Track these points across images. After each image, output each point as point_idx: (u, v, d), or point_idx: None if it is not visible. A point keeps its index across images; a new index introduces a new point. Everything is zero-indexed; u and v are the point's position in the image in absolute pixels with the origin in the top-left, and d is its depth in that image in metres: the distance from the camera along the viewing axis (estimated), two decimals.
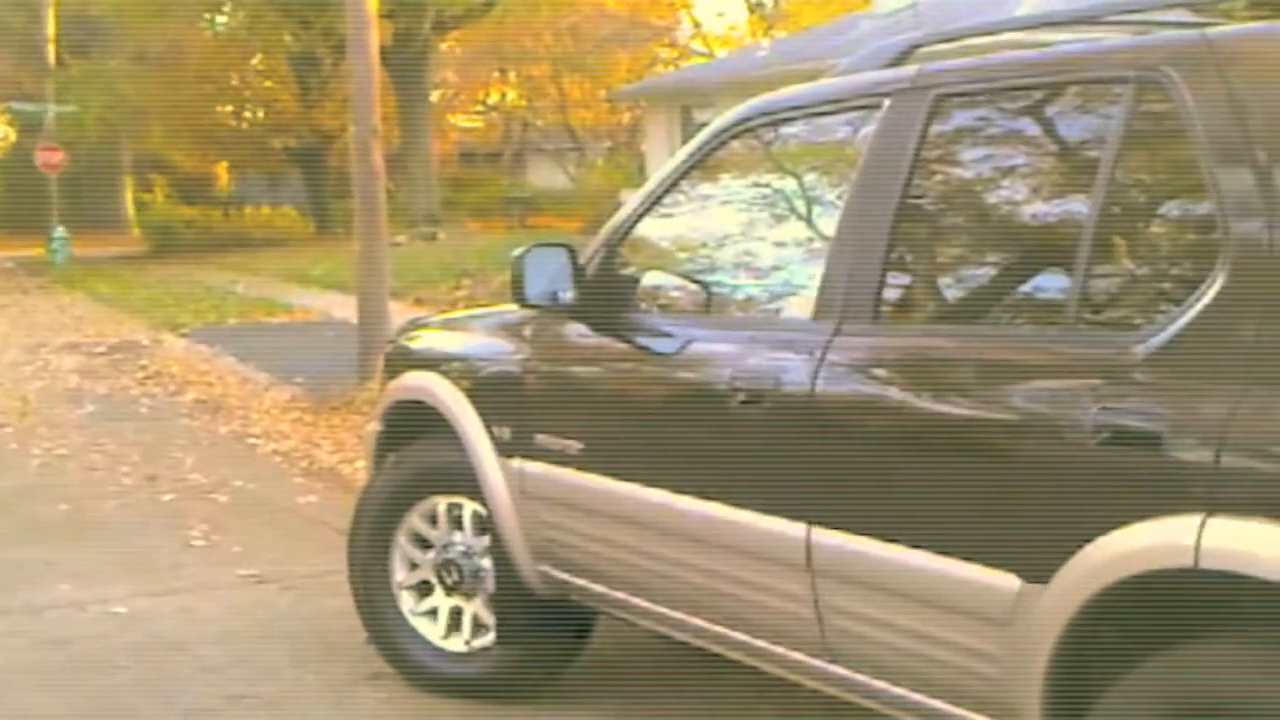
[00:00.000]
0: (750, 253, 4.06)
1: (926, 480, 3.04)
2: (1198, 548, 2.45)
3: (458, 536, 4.56)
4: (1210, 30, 2.86)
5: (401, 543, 4.68)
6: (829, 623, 3.27)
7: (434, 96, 35.21)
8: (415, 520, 4.66)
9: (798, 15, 38.48)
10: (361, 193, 10.27)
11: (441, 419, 4.50)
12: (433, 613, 4.64)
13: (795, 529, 3.28)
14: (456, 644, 4.59)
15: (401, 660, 4.67)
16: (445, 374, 4.56)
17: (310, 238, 31.49)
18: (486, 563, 4.45)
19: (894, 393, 3.20)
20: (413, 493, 4.66)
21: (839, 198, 3.53)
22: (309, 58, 31.44)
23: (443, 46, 33.48)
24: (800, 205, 3.93)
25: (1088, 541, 2.64)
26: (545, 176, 39.20)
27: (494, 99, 43.85)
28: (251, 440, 9.33)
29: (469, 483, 4.39)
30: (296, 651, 5.02)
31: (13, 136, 46.98)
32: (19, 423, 10.11)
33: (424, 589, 4.66)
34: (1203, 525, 2.46)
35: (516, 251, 4.10)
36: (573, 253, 4.06)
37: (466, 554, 4.53)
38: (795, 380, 3.33)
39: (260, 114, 35.79)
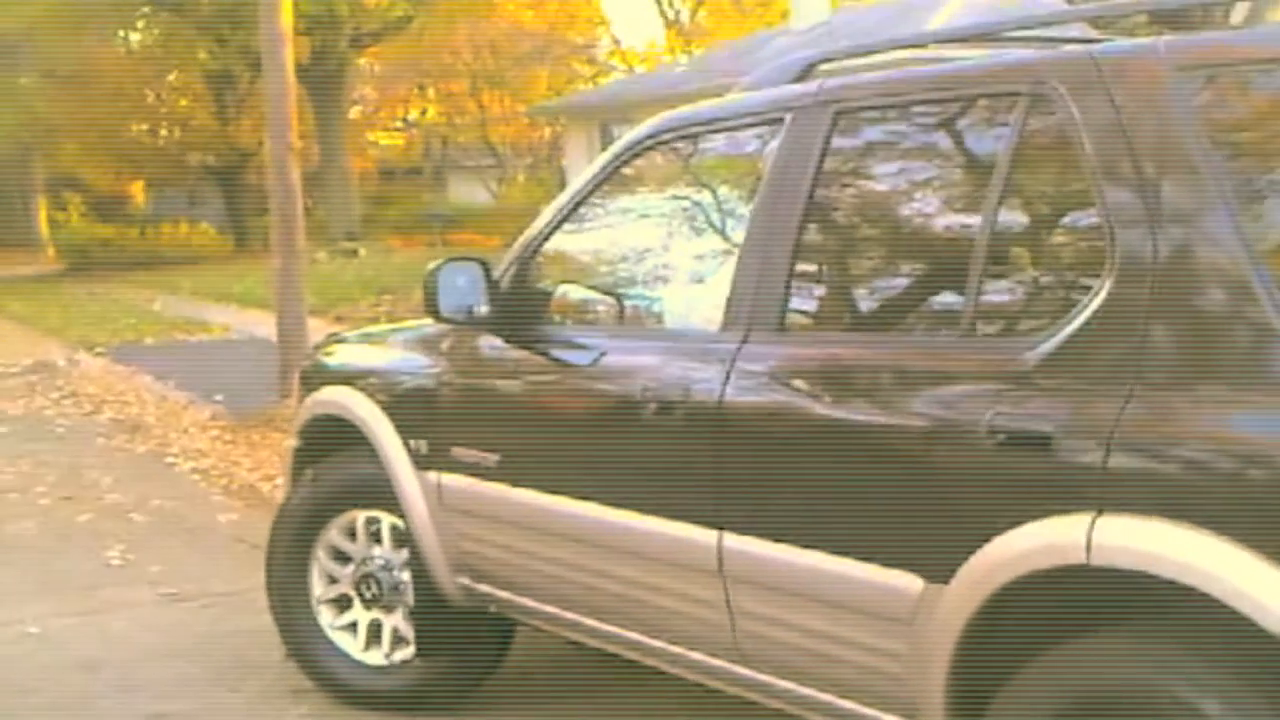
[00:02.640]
0: (661, 265, 4.14)
1: (832, 485, 3.12)
2: (1089, 545, 2.55)
3: (376, 550, 4.59)
4: (1095, 47, 2.96)
5: (320, 557, 4.70)
6: (741, 627, 3.33)
7: (353, 113, 35.13)
8: (334, 534, 4.68)
9: (715, 32, 38.77)
10: (279, 210, 10.23)
11: (358, 434, 4.52)
12: (352, 626, 4.65)
13: (707, 535, 3.35)
14: (376, 657, 4.61)
15: (321, 675, 4.68)
16: (362, 389, 4.58)
17: (229, 255, 31.22)
18: (405, 576, 4.48)
19: (799, 400, 3.27)
20: (331, 507, 4.68)
21: (746, 210, 3.60)
22: (225, 75, 31.25)
23: (360, 62, 33.38)
24: (709, 218, 4.00)
25: (986, 541, 2.72)
26: (466, 192, 39.13)
27: (413, 115, 43.76)
28: (170, 459, 9.26)
29: (387, 497, 4.41)
30: (215, 669, 5.01)
31: None
32: None
33: (343, 603, 4.68)
34: (1093, 523, 2.55)
35: (430, 266, 4.13)
36: (486, 267, 4.09)
37: (385, 567, 4.55)
38: (705, 390, 3.39)
39: (176, 131, 35.48)
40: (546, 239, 4.18)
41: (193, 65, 31.78)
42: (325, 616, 4.69)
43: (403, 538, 4.46)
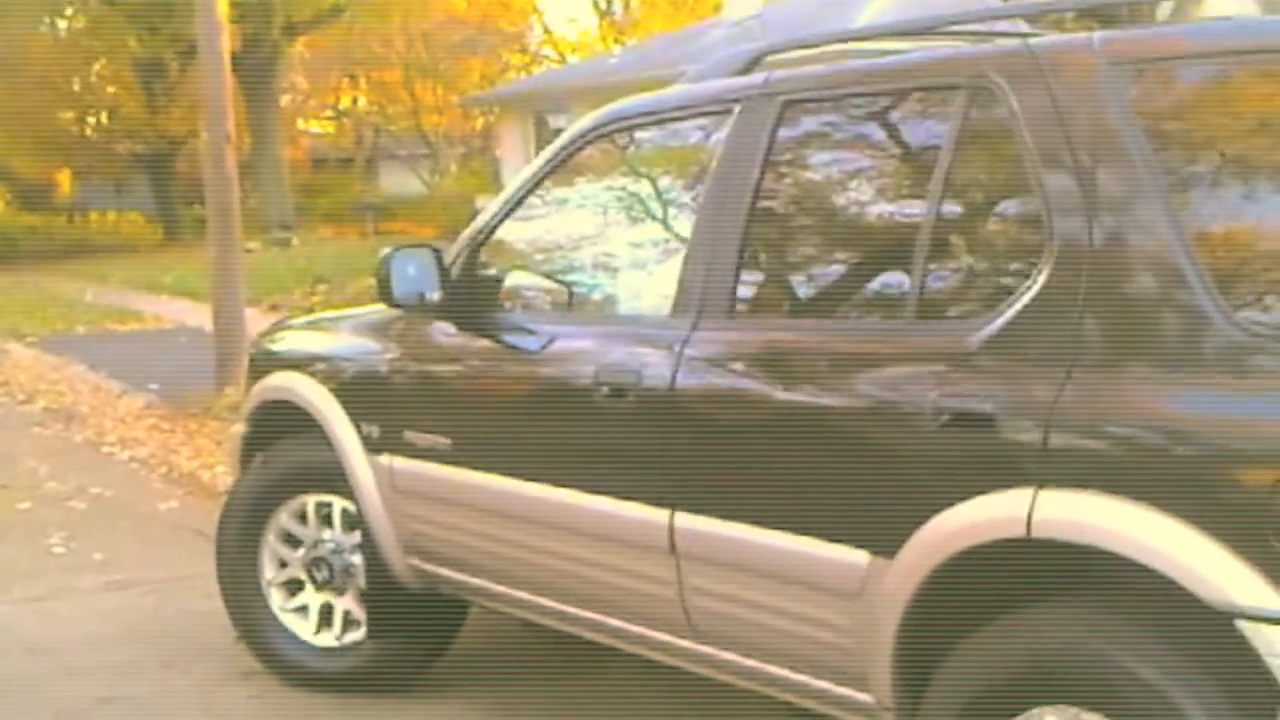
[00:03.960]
0: (611, 253, 4.20)
1: (781, 464, 3.22)
2: (1029, 519, 2.66)
3: (327, 534, 4.64)
4: (1033, 40, 3.07)
5: (270, 541, 4.74)
6: (693, 603, 3.42)
7: (284, 101, 34.84)
8: (284, 518, 4.72)
9: (647, 22, 38.82)
10: (214, 200, 10.21)
11: (309, 419, 4.57)
12: (303, 609, 4.71)
13: (659, 515, 3.44)
14: (327, 640, 4.66)
15: (272, 658, 4.73)
16: (312, 374, 4.63)
17: (159, 244, 30.96)
18: (356, 559, 4.54)
19: (749, 383, 3.37)
20: (281, 491, 4.73)
21: (694, 200, 3.69)
22: (155, 63, 30.90)
23: (292, 51, 33.14)
24: (657, 207, 4.08)
25: (931, 517, 2.83)
26: (399, 182, 38.95)
27: (345, 104, 43.50)
28: (107, 448, 9.22)
29: (338, 480, 4.47)
30: (164, 653, 5.04)
31: None
32: None
33: (294, 586, 4.73)
34: (1034, 498, 2.66)
35: (383, 253, 4.18)
36: (438, 254, 4.15)
37: (336, 550, 4.61)
38: (656, 374, 3.48)
39: (104, 119, 35.05)
40: (497, 227, 4.24)
41: (122, 53, 31.39)
42: (276, 600, 4.73)
43: (353, 521, 4.51)
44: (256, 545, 4.76)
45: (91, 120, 35.81)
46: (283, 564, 4.75)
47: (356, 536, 4.52)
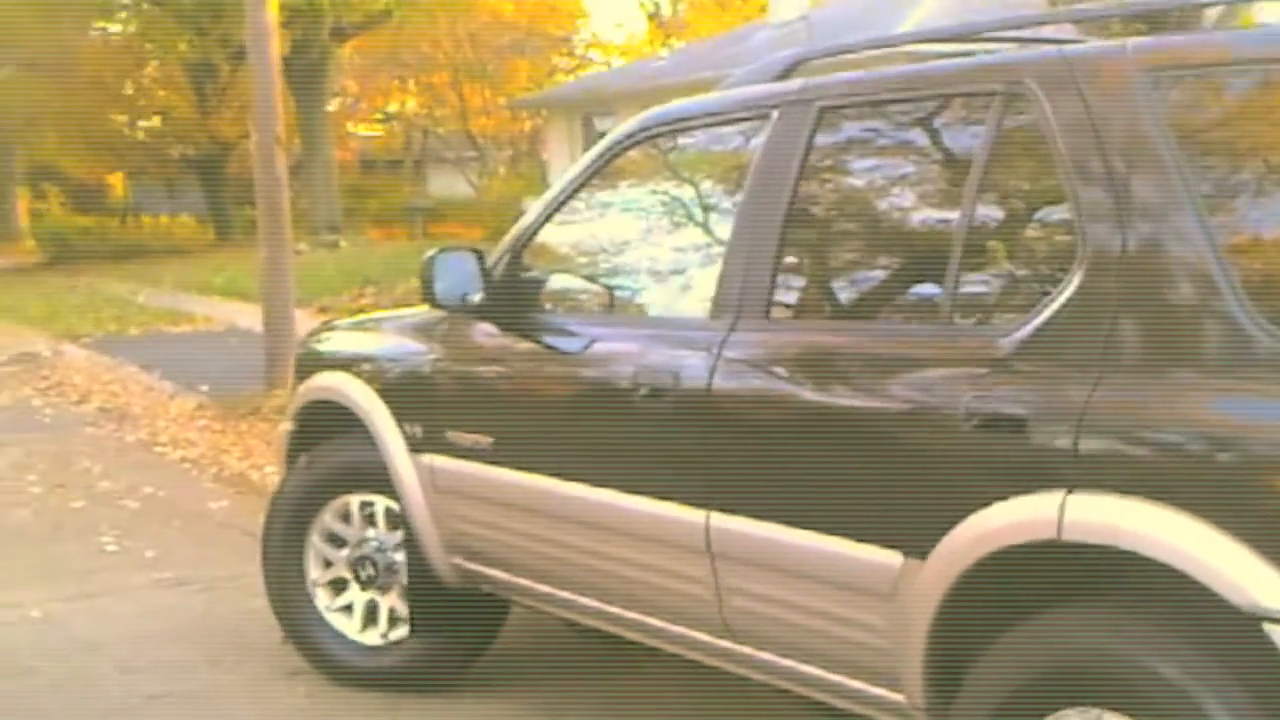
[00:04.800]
0: (650, 256, 4.25)
1: (816, 466, 3.26)
2: (1060, 522, 2.69)
3: (371, 532, 4.71)
4: (1068, 48, 3.09)
5: (315, 541, 4.82)
6: (728, 603, 3.47)
7: (333, 104, 35.07)
8: (328, 518, 4.80)
9: (695, 25, 38.86)
10: (265, 201, 10.31)
11: (353, 418, 4.64)
12: (348, 608, 4.78)
13: (695, 515, 3.49)
14: (372, 638, 4.73)
15: (319, 656, 4.81)
16: (357, 374, 4.70)
17: (210, 246, 31.20)
18: (399, 557, 4.60)
19: (785, 385, 3.41)
20: (326, 491, 4.80)
21: (733, 204, 3.74)
22: (206, 65, 31.14)
23: (342, 54, 33.36)
24: (697, 211, 4.13)
25: (962, 519, 2.86)
26: (446, 185, 39.14)
27: (394, 107, 43.73)
28: (159, 448, 9.34)
29: (381, 480, 4.54)
30: (213, 651, 5.12)
31: None
32: None
33: (339, 585, 4.80)
34: (1064, 501, 2.70)
35: (427, 254, 4.24)
36: (480, 256, 4.21)
37: (380, 549, 4.68)
38: (694, 375, 3.53)
39: (156, 122, 35.37)
40: (538, 230, 4.30)
41: (173, 56, 31.65)
42: (321, 599, 4.81)
43: (397, 520, 4.58)
44: (302, 545, 4.84)
45: (143, 123, 36.12)
46: (328, 563, 4.82)
47: (399, 535, 4.58)
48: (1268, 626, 2.42)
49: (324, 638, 4.79)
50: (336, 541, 4.80)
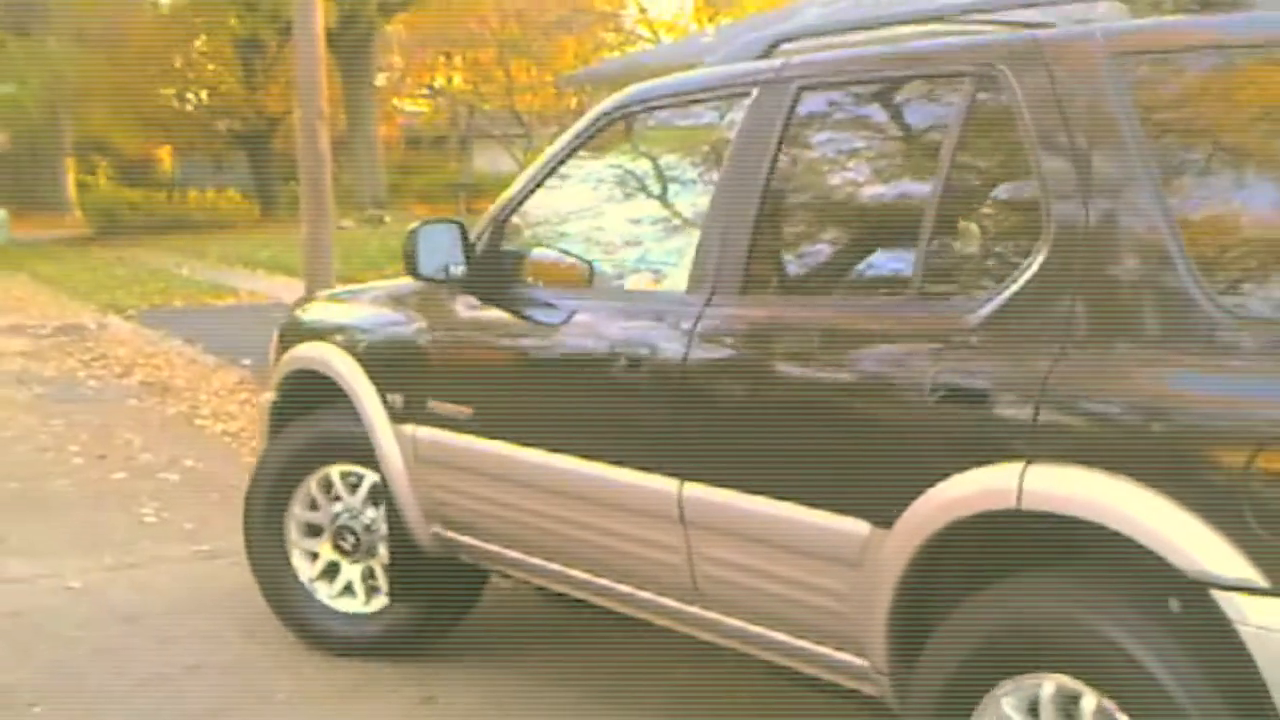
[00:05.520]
0: (629, 230, 4.34)
1: (787, 436, 3.34)
2: (1020, 491, 2.77)
3: (352, 502, 4.78)
4: (1039, 31, 3.14)
5: (296, 510, 4.89)
6: (700, 570, 3.55)
7: (379, 80, 35.15)
8: (311, 487, 4.86)
9: (743, 0, 38.69)
10: (308, 177, 10.34)
11: (336, 389, 4.70)
12: (328, 576, 4.85)
13: (669, 484, 3.57)
14: (351, 605, 4.82)
15: (297, 622, 4.89)
16: (340, 345, 4.78)
17: (255, 221, 31.40)
18: (380, 527, 4.67)
19: (760, 357, 3.47)
20: (308, 461, 4.85)
21: (711, 179, 3.79)
22: (254, 41, 31.31)
23: (388, 29, 33.42)
24: (676, 186, 4.21)
25: (927, 489, 2.93)
26: (492, 161, 39.14)
27: (440, 83, 43.78)
28: (200, 421, 9.41)
29: (362, 450, 4.60)
30: (249, 623, 5.15)
31: None
32: None
33: (319, 554, 4.87)
34: (1024, 472, 2.77)
35: (410, 227, 4.32)
36: (463, 229, 4.29)
37: (359, 519, 4.75)
38: (672, 347, 3.61)
39: (204, 96, 35.56)
40: (521, 204, 4.37)
41: (221, 30, 31.85)
42: (302, 568, 4.88)
43: (377, 490, 4.65)
44: (284, 514, 4.90)
45: (191, 97, 36.34)
46: (308, 532, 4.89)
47: (380, 505, 4.66)
48: (1214, 592, 2.49)
49: (303, 605, 4.88)
50: (318, 509, 4.87)
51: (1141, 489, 2.59)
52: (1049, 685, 2.75)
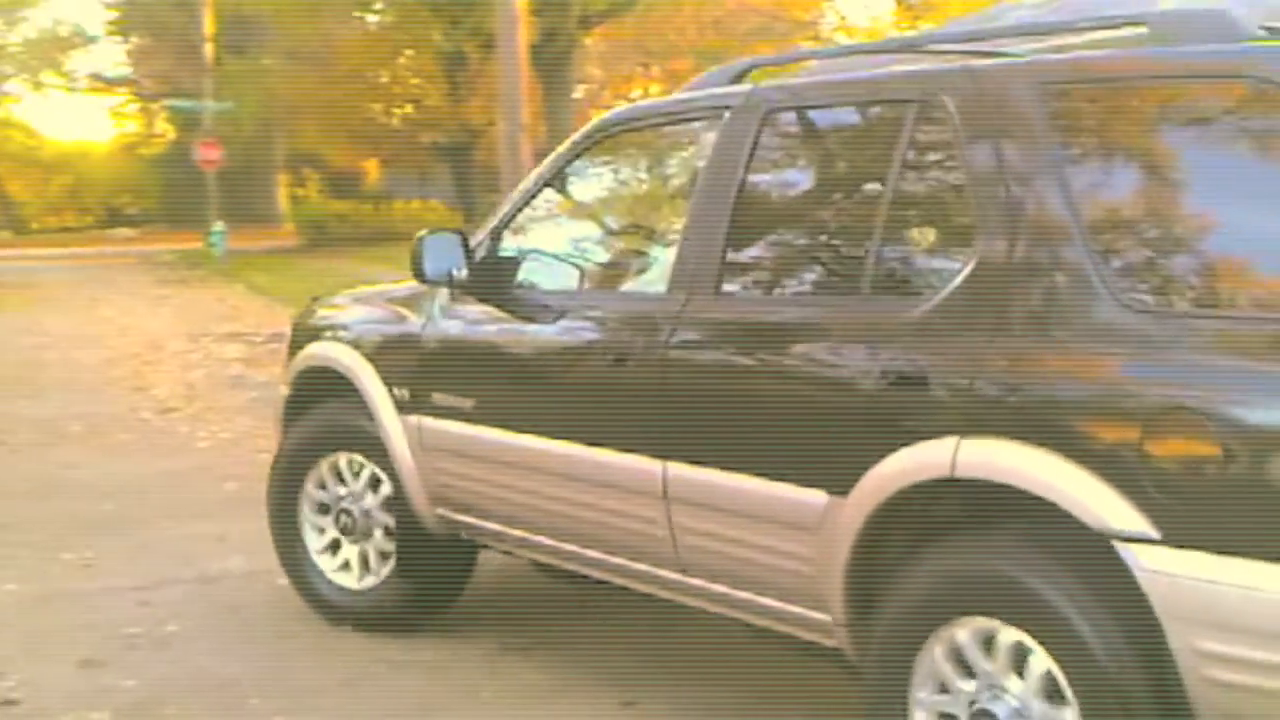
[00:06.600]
0: (616, 237, 4.92)
1: (758, 419, 3.79)
2: (954, 461, 3.23)
3: (354, 488, 5.25)
4: (974, 62, 3.64)
5: (310, 489, 5.37)
6: (681, 541, 4.00)
7: (578, 92, 35.59)
8: (322, 470, 5.33)
9: (944, 6, 38.14)
10: (510, 187, 10.52)
11: (346, 383, 5.15)
12: (330, 551, 5.36)
13: (653, 465, 4.01)
14: (347, 580, 5.30)
15: (304, 588, 5.40)
16: (350, 343, 5.23)
17: None
18: (375, 514, 5.17)
19: (733, 351, 3.93)
20: (320, 447, 5.32)
21: (688, 192, 4.26)
22: (457, 55, 31.94)
23: (587, 42, 33.82)
24: (657, 198, 4.78)
25: (877, 461, 3.40)
26: None
27: (637, 94, 44.14)
28: None
29: (365, 441, 5.10)
30: (451, 622, 5.34)
31: (172, 133, 48.44)
32: (187, 408, 10.62)
33: (325, 530, 5.37)
34: (958, 445, 3.24)
35: (416, 235, 4.71)
36: (464, 237, 4.72)
37: (358, 504, 5.22)
38: (654, 342, 4.04)
39: (410, 110, 36.42)
40: (517, 214, 4.81)
41: (426, 46, 32.56)
42: (310, 539, 5.38)
43: (376, 479, 5.14)
44: (298, 492, 5.39)
45: (397, 111, 37.24)
46: (319, 510, 5.37)
47: (384, 490, 5.10)
48: (1115, 544, 2.95)
49: (316, 580, 5.34)
50: (329, 492, 5.33)
51: (1055, 458, 3.05)
52: (980, 628, 3.22)
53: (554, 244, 4.82)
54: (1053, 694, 3.10)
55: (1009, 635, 3.16)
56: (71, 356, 13.94)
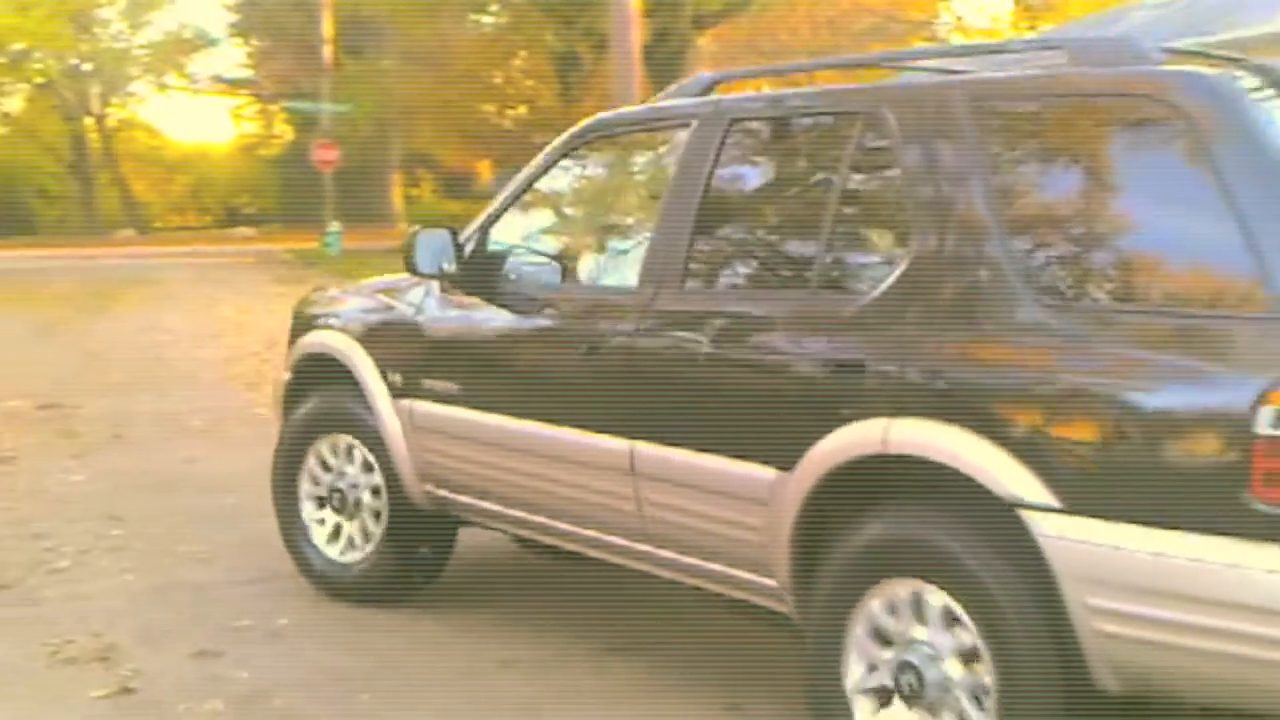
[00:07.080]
0: (592, 235, 5.17)
1: (717, 402, 4.11)
2: (885, 439, 3.56)
3: (346, 468, 5.55)
4: (912, 80, 3.96)
5: (310, 464, 5.67)
6: (647, 514, 4.32)
7: None
8: (321, 449, 5.63)
9: (1064, 6, 37.61)
10: None
11: (342, 371, 5.48)
12: (322, 523, 5.65)
13: (622, 444, 4.33)
14: (334, 553, 5.58)
15: (299, 558, 5.70)
16: (347, 331, 5.55)
17: None
18: (364, 494, 5.47)
19: (695, 339, 4.18)
20: (317, 429, 5.63)
21: (658, 195, 4.59)
22: (570, 56, 32.16)
23: (699, 42, 33.84)
24: (629, 199, 5.07)
25: (819, 440, 3.71)
26: None
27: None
28: None
29: (358, 425, 5.42)
30: (558, 618, 5.37)
31: (290, 134, 49.27)
32: None
33: (319, 505, 5.67)
34: (888, 424, 3.57)
35: (409, 232, 5.04)
36: (454, 234, 5.02)
37: (348, 483, 5.53)
38: (625, 332, 4.36)
39: (523, 111, 36.71)
40: (503, 213, 5.12)
41: (539, 47, 32.84)
42: (308, 512, 5.68)
43: (367, 463, 5.44)
44: (299, 469, 5.70)
45: (510, 112, 37.55)
46: (316, 486, 5.67)
47: (378, 468, 5.38)
48: (1020, 511, 3.28)
49: (310, 553, 5.65)
50: (325, 470, 5.63)
51: (972, 436, 3.37)
52: (905, 589, 3.55)
53: (537, 240, 5.15)
54: (968, 650, 3.42)
55: (935, 596, 3.48)
56: (192, 354, 14.20)
